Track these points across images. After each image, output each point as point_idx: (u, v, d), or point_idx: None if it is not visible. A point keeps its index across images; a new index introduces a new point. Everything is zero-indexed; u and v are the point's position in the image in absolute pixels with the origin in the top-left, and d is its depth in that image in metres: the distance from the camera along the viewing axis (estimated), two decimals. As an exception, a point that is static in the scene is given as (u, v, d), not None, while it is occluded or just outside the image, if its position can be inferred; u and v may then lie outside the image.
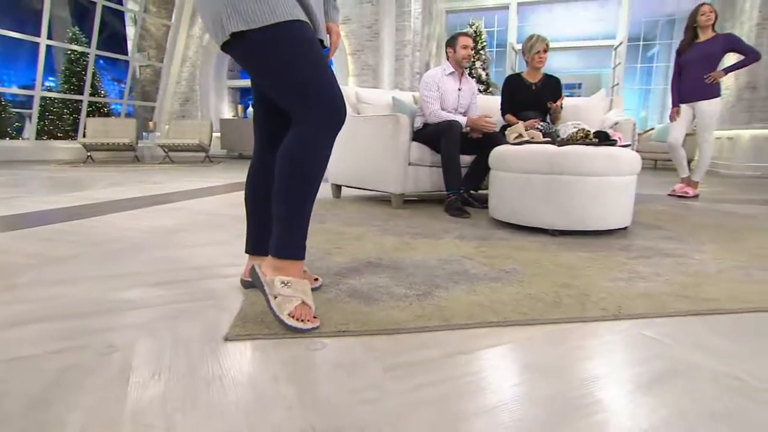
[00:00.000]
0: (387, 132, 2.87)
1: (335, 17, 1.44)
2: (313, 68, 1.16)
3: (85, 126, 8.16)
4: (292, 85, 1.17)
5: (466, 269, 1.64)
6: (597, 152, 2.11)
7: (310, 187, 1.20)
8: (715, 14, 3.72)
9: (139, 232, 2.25)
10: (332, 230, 2.30)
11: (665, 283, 1.50)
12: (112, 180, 4.83)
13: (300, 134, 1.18)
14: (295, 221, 1.22)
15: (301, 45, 1.16)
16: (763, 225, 2.63)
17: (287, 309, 1.14)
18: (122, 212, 2.82)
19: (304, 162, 1.18)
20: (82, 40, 9.39)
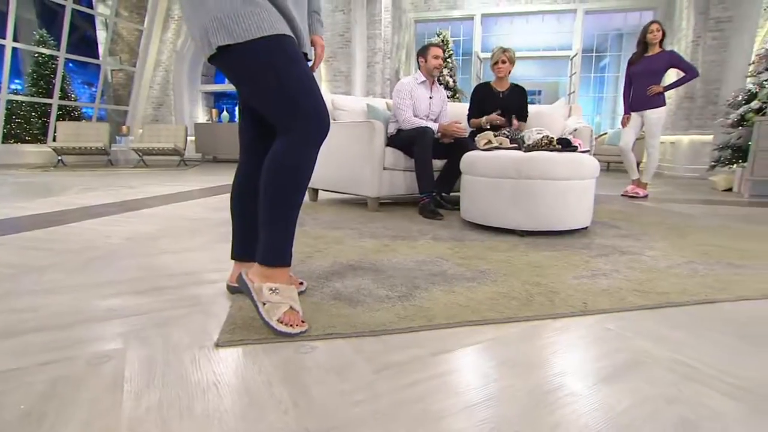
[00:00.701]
0: (363, 138, 2.87)
1: (319, 30, 1.44)
2: (296, 81, 1.16)
3: (55, 130, 7.76)
4: (277, 97, 1.16)
5: (443, 270, 1.67)
6: (560, 158, 2.19)
7: (295, 196, 1.20)
8: (663, 32, 3.91)
9: (118, 238, 2.17)
10: (312, 234, 2.29)
11: (623, 279, 1.58)
12: (86, 185, 4.62)
13: (285, 144, 1.17)
14: (281, 229, 1.21)
15: (285, 58, 1.16)
16: (702, 223, 2.79)
17: (276, 315, 1.13)
18: (99, 218, 2.71)
19: (289, 172, 1.17)
20: (50, 42, 8.92)
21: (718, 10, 6.64)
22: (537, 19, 9.24)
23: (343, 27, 8.62)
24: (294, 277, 1.43)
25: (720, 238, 2.31)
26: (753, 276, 1.64)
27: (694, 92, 6.88)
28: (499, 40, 9.90)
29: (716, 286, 1.51)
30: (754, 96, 4.57)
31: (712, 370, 0.97)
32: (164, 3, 9.83)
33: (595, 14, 8.79)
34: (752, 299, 1.41)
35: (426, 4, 9.42)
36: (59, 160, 7.20)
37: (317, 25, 1.43)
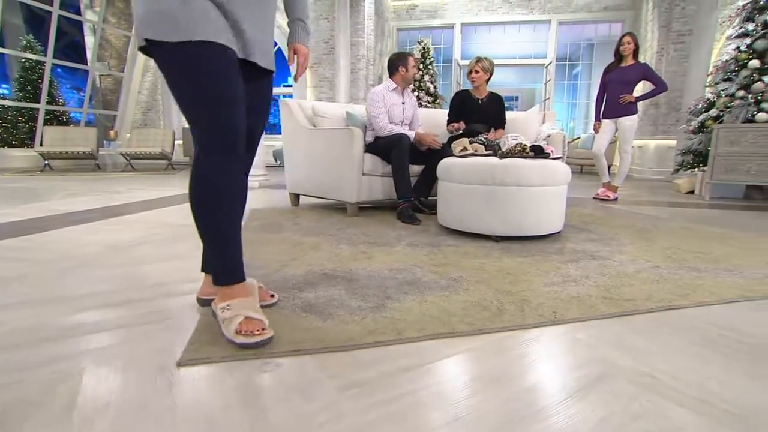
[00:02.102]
0: (342, 144, 2.80)
1: (303, 38, 1.33)
2: (206, 97, 1.06)
3: (42, 134, 7.48)
4: (188, 108, 1.08)
5: (417, 278, 1.61)
6: (533, 165, 2.16)
7: (215, 214, 1.12)
8: (635, 45, 3.93)
9: (96, 247, 2.06)
10: (289, 240, 2.21)
11: (593, 285, 1.54)
12: (71, 190, 4.45)
13: (197, 159, 1.11)
14: (211, 248, 1.16)
15: (202, 69, 1.05)
16: (667, 225, 2.80)
17: (232, 328, 1.08)
18: (80, 225, 2.58)
19: (202, 189, 1.11)
20: (37, 48, 8.61)
21: (679, 24, 6.76)
22: (514, 28, 9.28)
23: (327, 34, 8.52)
24: (264, 289, 1.35)
25: (683, 241, 2.31)
26: (712, 280, 1.63)
27: (659, 100, 6.99)
28: (478, 48, 9.91)
29: (679, 292, 1.48)
30: (712, 104, 4.63)
31: (674, 382, 0.93)
32: (152, 10, 9.56)
33: (568, 25, 8.87)
34: (711, 304, 1.39)
35: (408, 13, 9.38)
36: (46, 165, 6.95)
37: (301, 33, 1.33)
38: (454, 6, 9.08)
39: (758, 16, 4.38)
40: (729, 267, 1.81)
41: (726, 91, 4.50)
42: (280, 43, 8.92)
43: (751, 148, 3.96)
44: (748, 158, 3.97)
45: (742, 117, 4.24)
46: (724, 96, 4.49)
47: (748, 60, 4.37)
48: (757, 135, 3.93)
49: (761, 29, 4.33)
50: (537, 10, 8.76)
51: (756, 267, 1.81)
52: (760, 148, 3.92)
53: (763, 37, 4.30)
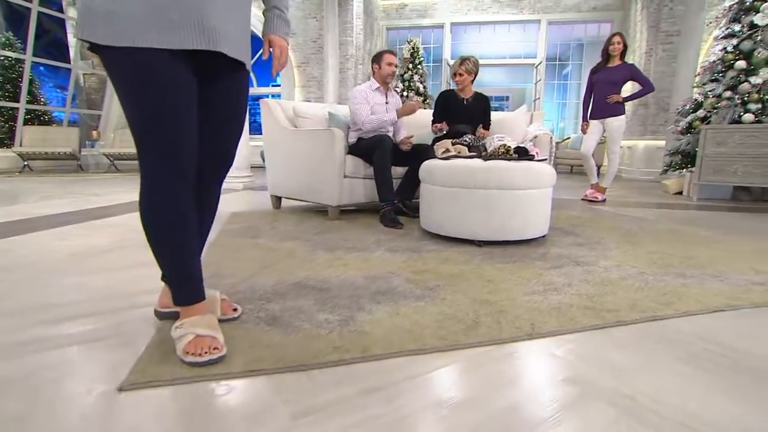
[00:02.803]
0: (323, 145, 2.72)
1: (281, 29, 1.16)
2: (149, 115, 0.93)
3: (21, 134, 7.29)
4: (130, 122, 0.97)
5: (392, 287, 1.54)
6: (516, 167, 2.10)
7: (166, 242, 1.03)
8: (624, 45, 3.89)
9: (63, 254, 1.96)
10: (264, 246, 2.12)
11: (575, 294, 1.48)
12: (49, 192, 4.31)
13: (141, 184, 1.00)
14: (173, 272, 1.07)
15: (144, 82, 0.91)
16: (654, 228, 2.76)
17: (181, 347, 1.01)
18: (52, 229, 2.47)
19: (148, 217, 1.01)
20: (17, 46, 8.40)
21: (667, 24, 6.77)
22: (503, 28, 9.25)
23: (315, 33, 8.42)
24: (228, 301, 1.27)
25: (669, 245, 2.26)
26: (697, 287, 1.57)
27: (648, 100, 6.99)
28: (468, 47, 9.87)
29: (663, 300, 1.43)
30: (700, 105, 4.62)
31: (655, 405, 0.86)
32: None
33: (557, 25, 8.87)
34: (696, 314, 1.33)
35: (397, 12, 9.32)
36: (25, 166, 6.77)
37: (278, 23, 1.16)
38: (443, 5, 9.03)
39: (744, 17, 4.37)
40: (714, 273, 1.76)
41: (713, 92, 4.49)
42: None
43: (738, 149, 3.95)
44: (735, 159, 3.96)
45: (729, 118, 4.22)
46: (711, 97, 4.48)
47: (735, 61, 4.36)
48: (744, 136, 3.92)
49: (747, 30, 4.32)
50: (527, 9, 8.74)
51: (740, 273, 1.76)
52: (747, 149, 3.91)
53: (749, 38, 4.28)
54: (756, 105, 4.15)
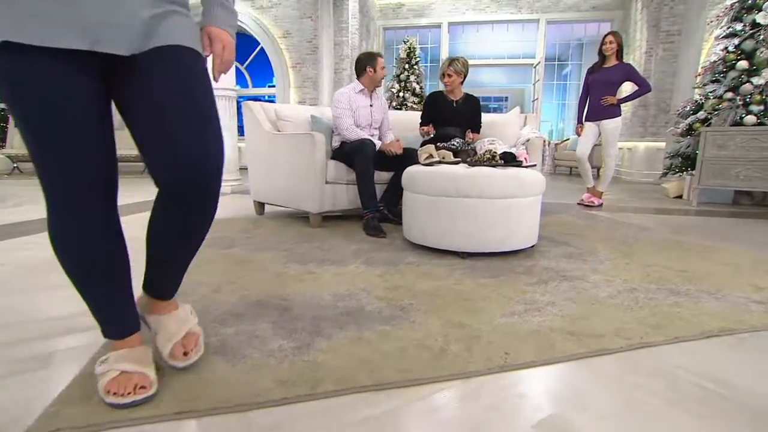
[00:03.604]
0: (303, 150, 2.61)
1: (220, 19, 0.94)
2: (28, 127, 0.77)
3: (12, 136, 7.20)
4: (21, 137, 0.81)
5: (361, 306, 1.43)
6: (500, 175, 1.98)
7: (68, 266, 0.89)
8: (618, 44, 3.76)
9: (12, 266, 1.85)
10: (236, 258, 2.01)
11: (558, 315, 1.36)
12: (29, 196, 4.20)
13: (47, 212, 0.87)
14: (94, 306, 0.95)
15: (14, 89, 0.75)
16: (650, 236, 2.64)
17: (103, 385, 0.89)
18: (13, 239, 2.36)
19: (56, 249, 0.88)
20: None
21: (668, 23, 6.64)
22: (502, 27, 9.13)
23: (310, 33, 8.32)
24: (193, 336, 1.11)
25: (665, 256, 2.14)
26: (691, 306, 1.46)
27: (648, 101, 6.87)
28: (465, 47, 9.76)
29: (653, 322, 1.31)
30: (700, 107, 4.50)
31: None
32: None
33: (556, 24, 8.74)
34: (688, 340, 1.21)
35: (394, 12, 9.21)
36: (14, 168, 6.67)
37: (218, 12, 0.94)
38: (441, 5, 8.91)
39: (746, 15, 4.24)
40: (711, 289, 1.65)
41: (714, 93, 4.36)
42: (259, 39, 8.71)
43: (740, 152, 3.82)
44: (736, 162, 3.83)
45: (731, 119, 4.10)
46: (712, 98, 4.35)
47: (737, 61, 4.23)
48: (746, 138, 3.79)
49: (749, 29, 4.19)
50: (525, 9, 8.62)
51: (739, 290, 1.64)
52: (749, 152, 3.78)
53: (751, 37, 4.16)
54: (758, 107, 4.03)
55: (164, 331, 1.02)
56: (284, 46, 8.56)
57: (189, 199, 0.86)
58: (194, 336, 1.06)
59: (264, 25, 8.55)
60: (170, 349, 1.00)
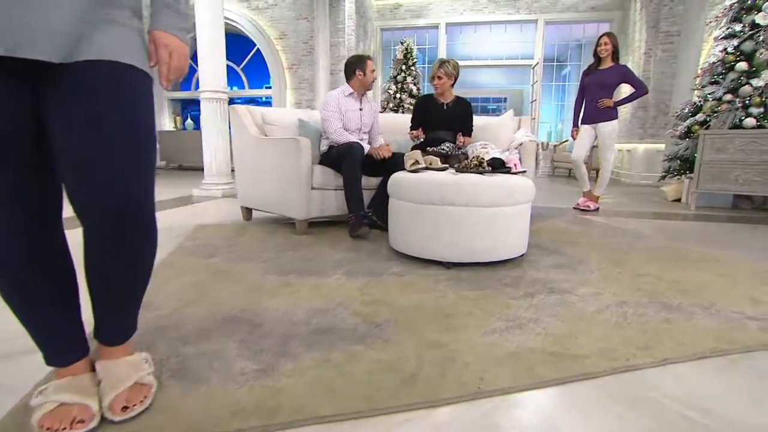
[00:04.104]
0: (288, 156, 2.55)
1: (166, 23, 0.86)
2: None
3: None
4: None
5: (334, 324, 1.36)
6: (486, 182, 1.91)
7: (4, 296, 0.83)
8: (614, 46, 3.70)
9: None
10: (214, 268, 1.95)
11: (541, 333, 1.30)
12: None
13: None
14: (27, 329, 0.88)
15: None
16: (645, 244, 2.57)
17: (37, 419, 0.82)
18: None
19: None
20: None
21: (667, 24, 6.57)
22: (500, 28, 9.07)
23: (306, 34, 8.27)
24: (129, 349, 1.07)
25: (658, 265, 2.07)
26: (683, 323, 1.39)
27: (647, 102, 6.80)
28: (463, 48, 9.70)
29: (641, 342, 1.24)
30: (699, 109, 4.42)
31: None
32: (126, 8, 9.26)
33: (555, 25, 8.68)
34: (676, 362, 1.15)
35: (392, 12, 9.15)
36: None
37: (166, 15, 0.86)
38: (438, 5, 8.85)
39: (745, 16, 4.17)
40: (705, 303, 1.58)
41: (713, 95, 4.29)
42: (254, 37, 8.65)
43: (739, 155, 3.74)
44: (735, 166, 3.76)
45: (730, 122, 4.02)
46: (711, 100, 4.28)
47: (736, 62, 4.16)
48: (745, 141, 3.72)
49: (749, 30, 4.12)
50: (523, 9, 8.56)
51: (734, 303, 1.58)
52: (748, 155, 3.71)
53: (750, 38, 4.08)
54: (758, 109, 3.96)
55: (109, 379, 0.90)
56: (280, 47, 8.51)
57: (113, 234, 0.80)
58: (144, 388, 0.93)
59: (260, 27, 8.51)
60: (111, 399, 0.87)
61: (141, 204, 0.81)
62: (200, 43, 4.35)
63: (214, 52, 4.35)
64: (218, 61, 4.41)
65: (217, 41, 4.37)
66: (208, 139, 4.53)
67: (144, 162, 0.82)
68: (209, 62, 4.34)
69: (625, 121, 7.56)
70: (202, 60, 4.35)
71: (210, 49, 4.33)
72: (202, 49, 4.34)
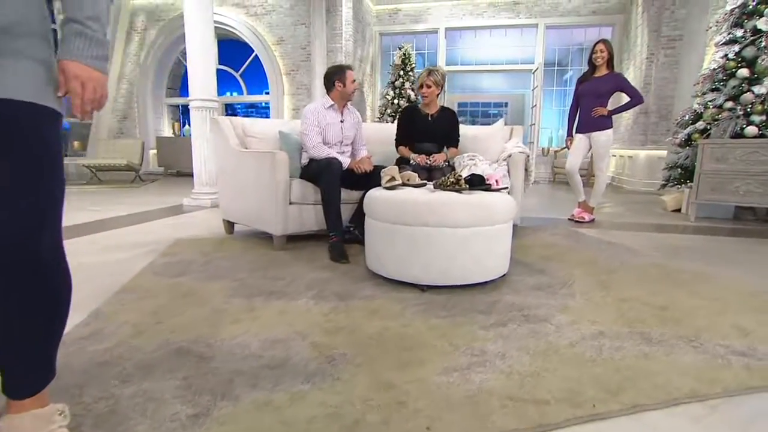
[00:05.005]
0: (264, 170, 2.48)
1: (78, 51, 0.80)
2: None
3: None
4: None
5: (287, 357, 1.29)
6: (464, 201, 1.83)
7: None
8: (609, 53, 3.60)
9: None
10: (180, 289, 1.88)
11: (503, 372, 1.21)
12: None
13: None
14: None
15: None
16: (638, 262, 2.46)
17: None
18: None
19: None
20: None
21: (669, 28, 6.45)
22: (500, 32, 8.99)
23: (304, 40, 8.24)
24: (42, 400, 0.88)
25: (647, 287, 1.98)
26: (662, 359, 1.30)
27: (649, 108, 6.68)
28: (463, 53, 9.63)
29: (612, 384, 1.15)
30: (699, 116, 4.30)
31: None
32: (126, 16, 9.33)
33: (556, 29, 8.58)
34: (647, 409, 1.05)
35: (390, 17, 9.11)
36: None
37: (75, 42, 0.80)
38: (438, 10, 8.80)
39: (747, 21, 4.05)
40: (690, 333, 1.48)
41: (713, 102, 4.17)
42: (255, 48, 8.65)
43: (739, 165, 3.62)
44: (735, 177, 3.64)
45: (731, 130, 3.90)
46: (712, 107, 4.16)
47: (737, 69, 4.04)
48: (746, 152, 3.60)
49: (750, 36, 4.00)
50: (524, 14, 8.47)
51: (721, 334, 1.48)
52: (749, 165, 3.58)
53: (752, 44, 3.97)
54: (760, 117, 3.83)
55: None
56: (278, 53, 8.50)
57: None
58: None
59: (258, 32, 8.50)
60: None
61: (25, 243, 0.75)
62: (189, 50, 4.32)
63: (203, 60, 4.31)
64: (208, 68, 4.37)
65: (206, 48, 4.34)
66: (197, 148, 4.50)
67: (33, 200, 0.77)
68: (199, 70, 4.31)
69: (626, 127, 7.44)
70: (191, 68, 4.32)
71: (199, 57, 4.29)
72: (192, 56, 4.31)
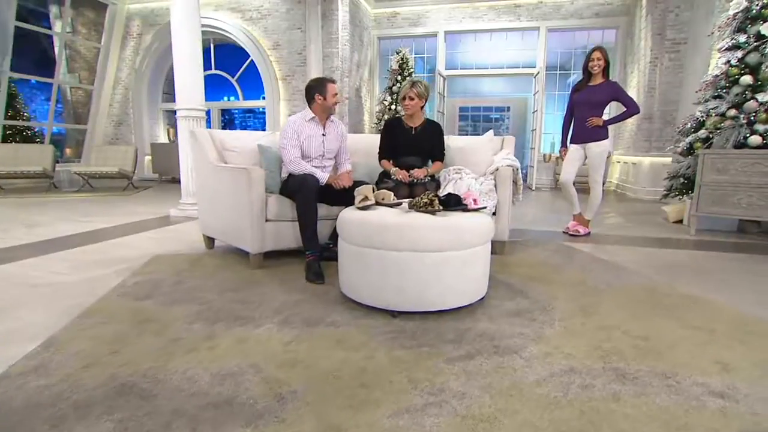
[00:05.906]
0: (240, 186, 2.46)
1: None
2: None
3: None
4: None
5: (235, 395, 1.25)
6: (435, 224, 1.79)
7: None
8: (605, 61, 3.54)
9: None
10: (141, 314, 1.85)
11: (458, 416, 1.16)
12: None
13: None
14: None
15: None
16: (628, 282, 2.40)
17: None
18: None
19: None
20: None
21: (673, 31, 6.38)
22: (501, 36, 8.95)
23: (300, 45, 8.26)
24: None
25: (631, 312, 1.92)
26: (632, 400, 1.24)
27: (653, 113, 6.60)
28: (463, 56, 9.60)
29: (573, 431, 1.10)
30: (702, 124, 4.23)
31: None
32: (122, 21, 9.41)
33: (558, 32, 8.52)
34: (610, 464, 1.00)
35: (389, 21, 9.11)
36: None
37: None
38: (437, 13, 8.78)
39: (750, 26, 3.98)
40: (668, 369, 1.43)
41: (716, 110, 4.09)
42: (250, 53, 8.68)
43: (741, 177, 3.54)
44: (737, 189, 3.56)
45: (733, 140, 3.82)
46: (714, 115, 4.09)
47: (740, 75, 3.97)
48: (748, 163, 3.52)
49: (754, 41, 3.93)
50: (524, 16, 8.43)
51: (701, 371, 1.42)
52: (752, 177, 3.50)
53: (755, 50, 3.89)
54: (764, 125, 3.75)
55: None
56: (274, 58, 8.52)
57: None
58: None
59: (253, 37, 8.53)
60: None
61: None
62: (176, 58, 4.32)
63: (190, 68, 4.31)
64: (195, 77, 4.37)
65: (193, 56, 4.34)
66: (184, 158, 4.49)
67: None
68: (185, 78, 4.31)
69: (630, 133, 7.36)
70: (178, 76, 4.32)
71: (186, 64, 4.29)
72: (179, 65, 4.31)
